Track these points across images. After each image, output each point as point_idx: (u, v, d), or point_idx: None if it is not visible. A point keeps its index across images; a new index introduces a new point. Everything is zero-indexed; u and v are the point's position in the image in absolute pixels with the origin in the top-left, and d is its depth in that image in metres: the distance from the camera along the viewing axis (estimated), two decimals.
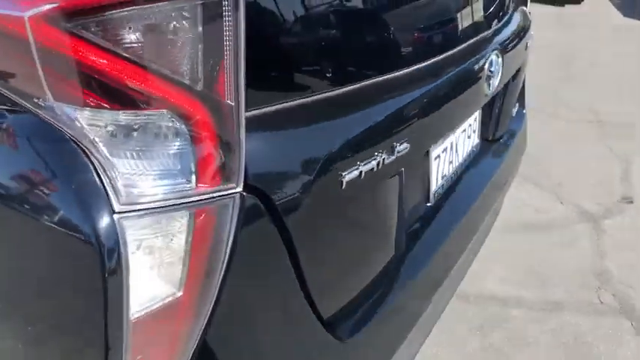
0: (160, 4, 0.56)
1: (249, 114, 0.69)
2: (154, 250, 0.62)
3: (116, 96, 0.57)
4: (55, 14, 0.52)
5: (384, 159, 0.86)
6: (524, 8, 1.71)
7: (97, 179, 0.58)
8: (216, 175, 0.65)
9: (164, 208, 0.62)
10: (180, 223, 0.64)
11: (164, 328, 0.67)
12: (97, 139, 0.58)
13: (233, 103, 0.63)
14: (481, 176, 1.53)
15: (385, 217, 1.02)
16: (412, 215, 1.20)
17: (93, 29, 0.54)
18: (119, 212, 0.58)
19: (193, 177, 0.63)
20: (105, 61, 0.55)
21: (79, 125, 0.58)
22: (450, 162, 1.37)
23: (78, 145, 0.58)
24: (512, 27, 1.51)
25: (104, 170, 0.59)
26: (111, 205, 0.58)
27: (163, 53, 0.58)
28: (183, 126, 0.62)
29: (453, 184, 1.42)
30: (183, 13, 0.57)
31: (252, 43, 0.65)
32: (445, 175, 1.34)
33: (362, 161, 0.82)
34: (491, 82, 1.28)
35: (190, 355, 0.70)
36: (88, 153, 0.58)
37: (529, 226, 2.44)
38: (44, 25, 0.53)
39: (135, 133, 0.59)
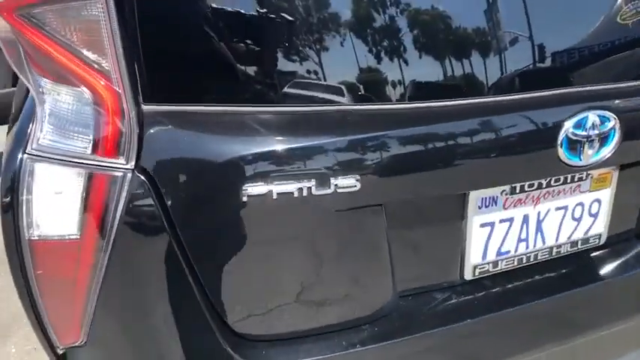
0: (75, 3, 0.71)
1: (157, 108, 0.79)
2: (54, 193, 0.79)
3: (48, 70, 0.76)
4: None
5: (314, 183, 0.80)
6: None
7: (31, 126, 0.79)
8: (111, 149, 0.78)
9: (63, 162, 0.78)
10: (76, 179, 0.79)
11: (66, 261, 0.84)
12: (40, 97, 0.79)
13: (121, 91, 0.74)
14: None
15: (328, 251, 0.93)
16: (418, 274, 1.06)
17: (34, 20, 0.74)
18: (29, 154, 0.78)
19: (91, 145, 0.78)
20: (44, 44, 0.75)
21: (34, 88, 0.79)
22: (523, 239, 1.10)
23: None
24: None
25: (35, 120, 0.79)
26: (26, 147, 0.78)
27: (77, 41, 0.74)
28: (91, 102, 0.77)
29: (527, 272, 1.14)
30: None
31: (173, 42, 0.75)
32: (506, 252, 1.09)
33: (275, 181, 0.79)
34: (584, 149, 0.96)
35: (94, 305, 0.86)
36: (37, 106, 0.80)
37: None
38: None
39: (55, 99, 0.77)
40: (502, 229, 1.09)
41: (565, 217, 1.15)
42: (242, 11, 0.82)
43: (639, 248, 1.28)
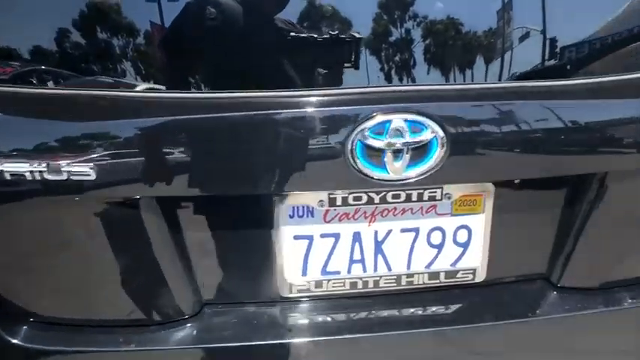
0: None
1: None
2: None
3: None
4: None
5: (44, 167, 0.76)
6: None
7: None
8: None
9: None
10: None
11: None
12: None
13: None
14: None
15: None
16: (229, 284, 0.96)
17: None
18: None
19: None
20: None
21: None
22: (357, 261, 0.94)
23: None
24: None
25: None
26: None
27: None
28: None
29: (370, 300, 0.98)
30: None
31: None
32: (334, 272, 0.95)
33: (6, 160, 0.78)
34: (388, 160, 0.79)
35: None
36: None
37: None
38: None
39: None
40: (325, 245, 0.95)
41: (416, 241, 0.97)
42: None
43: (548, 296, 1.04)
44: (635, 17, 0.88)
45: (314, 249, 0.95)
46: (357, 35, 0.79)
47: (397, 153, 0.81)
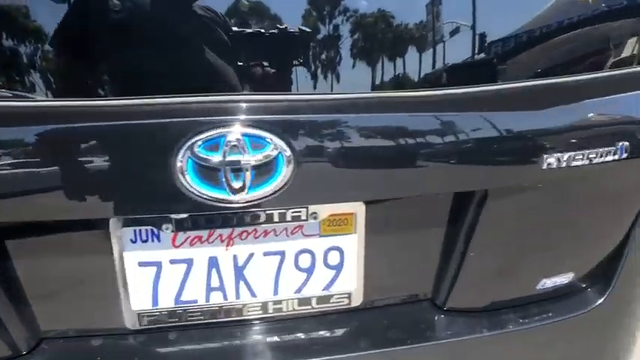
0: None
1: None
2: None
3: None
4: None
5: None
6: None
7: None
8: None
9: None
10: None
11: None
12: None
13: None
14: None
15: None
16: (67, 313, 0.84)
17: None
18: None
19: None
20: None
21: None
22: (215, 288, 0.84)
23: None
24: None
25: None
26: None
27: None
28: None
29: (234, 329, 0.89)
30: None
31: None
32: (191, 301, 0.84)
33: None
34: (228, 180, 0.69)
35: None
36: None
37: None
38: None
39: None
40: (176, 272, 0.84)
41: (283, 265, 0.87)
42: None
43: (433, 319, 0.97)
44: (508, 26, 0.80)
45: (164, 276, 0.84)
46: (185, 35, 0.69)
47: (237, 172, 0.71)
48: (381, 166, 0.76)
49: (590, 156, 0.86)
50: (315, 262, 0.88)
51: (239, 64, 0.69)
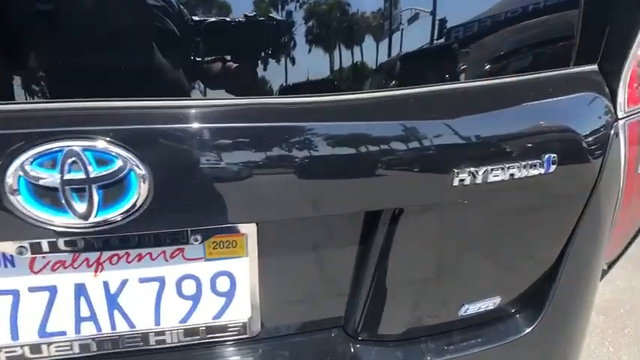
0: None
1: None
2: None
3: None
4: None
5: None
6: None
7: None
8: None
9: None
10: None
11: None
12: None
13: None
14: None
15: None
16: None
17: None
18: None
19: None
20: None
21: None
22: (86, 318, 0.74)
23: None
24: None
25: None
26: None
27: None
28: None
29: None
30: None
31: None
32: (58, 332, 0.74)
33: None
34: (69, 201, 0.59)
35: None
36: None
37: None
38: None
39: None
40: (38, 301, 0.73)
41: (163, 292, 0.77)
42: None
43: (342, 349, 0.88)
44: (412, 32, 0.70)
45: (23, 306, 0.73)
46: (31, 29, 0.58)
47: (80, 192, 0.61)
48: (257, 186, 0.66)
49: (511, 171, 0.77)
50: (201, 288, 0.78)
51: (74, 63, 0.59)
